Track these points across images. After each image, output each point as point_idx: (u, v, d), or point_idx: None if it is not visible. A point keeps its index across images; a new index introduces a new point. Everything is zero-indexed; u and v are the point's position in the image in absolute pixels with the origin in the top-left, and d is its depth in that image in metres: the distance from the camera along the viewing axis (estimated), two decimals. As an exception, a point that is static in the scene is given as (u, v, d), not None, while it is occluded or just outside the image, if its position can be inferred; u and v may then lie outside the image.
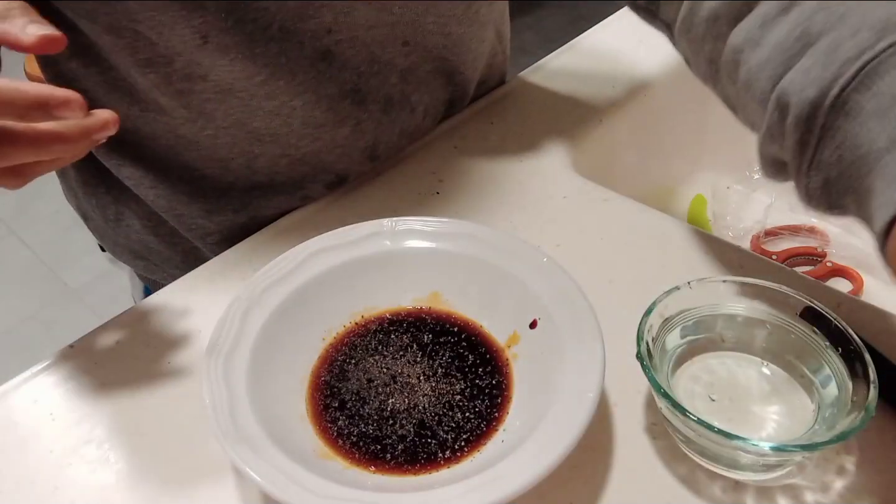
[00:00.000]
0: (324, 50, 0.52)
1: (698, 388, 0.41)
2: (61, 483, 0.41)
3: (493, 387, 0.42)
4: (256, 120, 0.53)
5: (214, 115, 0.53)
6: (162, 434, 0.43)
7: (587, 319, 0.41)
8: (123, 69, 0.51)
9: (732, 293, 0.42)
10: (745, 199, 0.75)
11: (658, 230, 0.54)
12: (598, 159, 0.64)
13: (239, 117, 0.53)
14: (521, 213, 0.56)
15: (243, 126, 0.53)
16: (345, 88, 0.54)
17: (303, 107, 0.53)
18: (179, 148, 0.55)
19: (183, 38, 0.48)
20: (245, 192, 0.58)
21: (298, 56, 0.51)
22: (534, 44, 2.49)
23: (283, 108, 0.53)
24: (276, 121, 0.53)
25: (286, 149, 0.55)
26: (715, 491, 0.39)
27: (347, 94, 0.55)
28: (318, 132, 0.55)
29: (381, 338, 0.45)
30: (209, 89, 0.51)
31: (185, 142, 0.55)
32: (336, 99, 0.54)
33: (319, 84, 0.53)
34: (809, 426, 0.38)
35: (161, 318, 0.50)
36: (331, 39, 0.52)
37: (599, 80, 0.70)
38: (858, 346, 0.38)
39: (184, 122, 0.53)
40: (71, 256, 1.88)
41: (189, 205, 0.58)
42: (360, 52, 0.54)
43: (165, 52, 0.49)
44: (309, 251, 0.46)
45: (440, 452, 0.39)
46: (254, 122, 0.53)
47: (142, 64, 0.50)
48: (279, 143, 0.55)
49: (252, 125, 0.53)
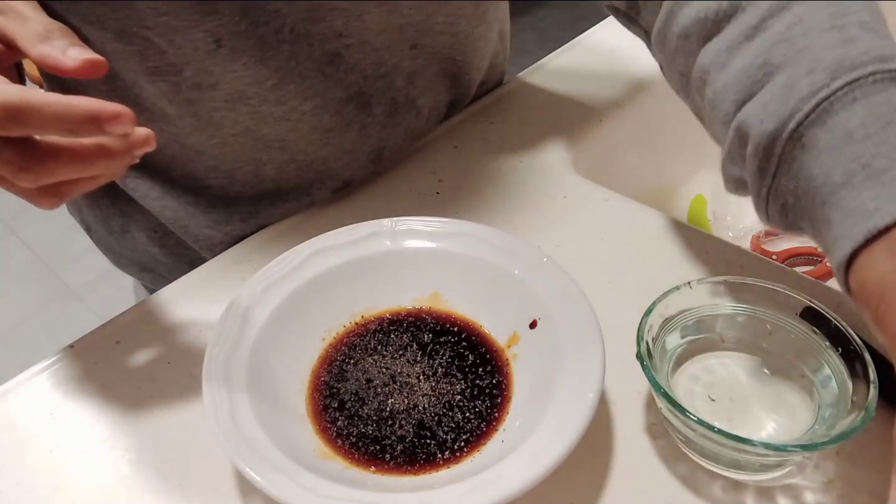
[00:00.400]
0: (333, 53, 0.52)
1: (698, 388, 0.41)
2: (61, 483, 0.41)
3: (492, 387, 0.42)
4: (266, 126, 0.53)
5: (223, 123, 0.52)
6: (162, 434, 0.43)
7: (587, 319, 0.41)
8: (130, 78, 0.51)
9: (732, 293, 0.42)
10: (746, 199, 0.75)
11: (658, 230, 0.54)
12: (598, 159, 0.64)
13: (248, 125, 0.53)
14: (521, 213, 0.56)
15: (252, 133, 0.53)
16: (350, 92, 0.54)
17: (312, 111, 0.53)
18: (185, 158, 0.55)
19: (195, 44, 0.47)
20: (252, 200, 0.57)
21: (308, 59, 0.51)
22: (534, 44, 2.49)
23: (293, 113, 0.53)
24: (285, 126, 0.53)
25: (294, 154, 0.55)
26: (715, 491, 0.39)
27: (352, 98, 0.55)
28: (327, 137, 0.55)
29: (381, 338, 0.45)
30: (219, 98, 0.51)
31: (191, 152, 0.55)
32: (342, 103, 0.54)
33: (327, 88, 0.53)
34: (809, 426, 0.38)
35: (161, 318, 0.50)
36: (340, 43, 0.52)
37: (599, 80, 0.70)
38: (858, 346, 0.38)
39: (191, 131, 0.53)
40: (71, 256, 1.88)
41: (195, 216, 0.58)
42: (367, 56, 0.54)
43: (175, 60, 0.48)
44: (309, 251, 0.46)
45: (440, 452, 0.39)
46: (263, 129, 0.53)
47: (151, 72, 0.49)
48: (288, 149, 0.55)
49: (261, 132, 0.53)
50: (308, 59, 0.51)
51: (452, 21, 0.57)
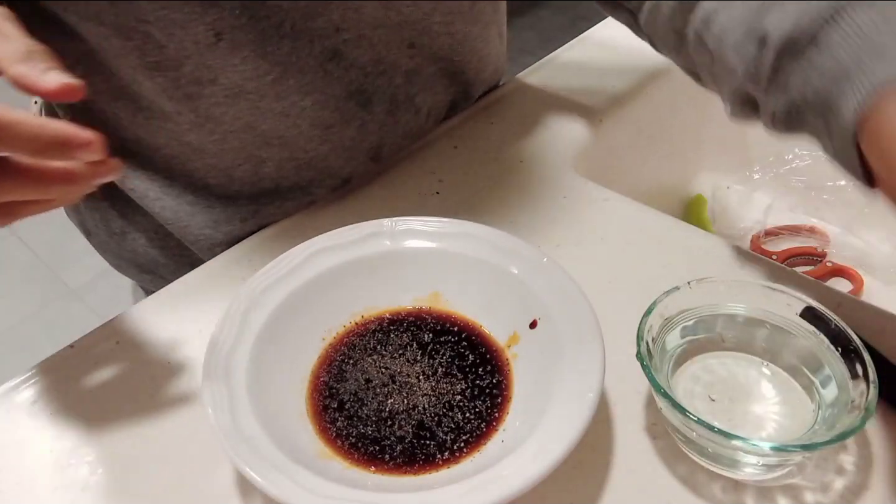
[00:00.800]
0: (332, 49, 0.52)
1: (698, 388, 0.41)
2: (61, 483, 0.41)
3: (493, 387, 0.42)
4: (265, 122, 0.53)
5: (223, 119, 0.52)
6: (162, 434, 0.43)
7: (587, 319, 0.41)
8: (129, 74, 0.51)
9: (732, 293, 0.42)
10: (745, 199, 0.75)
11: (658, 230, 0.54)
12: (598, 159, 0.64)
13: (248, 120, 0.53)
14: (521, 213, 0.56)
15: (251, 129, 0.53)
16: (350, 89, 0.54)
17: (312, 107, 0.53)
18: (184, 157, 0.55)
19: (195, 38, 0.47)
20: (251, 199, 0.57)
21: (308, 55, 0.51)
22: (534, 44, 2.49)
23: (293, 109, 0.53)
24: (284, 122, 0.53)
25: (294, 151, 0.55)
26: (715, 491, 0.39)
27: (353, 95, 0.55)
28: (326, 134, 0.55)
29: (381, 338, 0.45)
30: (218, 93, 0.51)
31: (190, 149, 0.54)
32: (342, 99, 0.54)
33: (327, 84, 0.53)
34: (809, 426, 0.38)
35: (161, 318, 0.50)
36: (339, 38, 0.52)
37: (599, 80, 0.70)
38: (858, 346, 0.38)
39: (190, 127, 0.53)
40: (71, 256, 1.88)
41: (194, 215, 0.57)
42: (366, 52, 0.54)
43: (175, 55, 0.48)
44: (309, 251, 0.46)
45: (440, 453, 0.39)
46: (262, 125, 0.53)
47: (150, 67, 0.49)
48: (287, 146, 0.55)
49: (260, 128, 0.53)
50: (308, 55, 0.51)
51: (450, 20, 0.57)
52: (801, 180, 0.73)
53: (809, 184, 0.73)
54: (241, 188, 0.57)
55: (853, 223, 0.71)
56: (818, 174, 0.72)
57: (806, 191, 0.73)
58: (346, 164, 0.58)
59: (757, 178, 0.76)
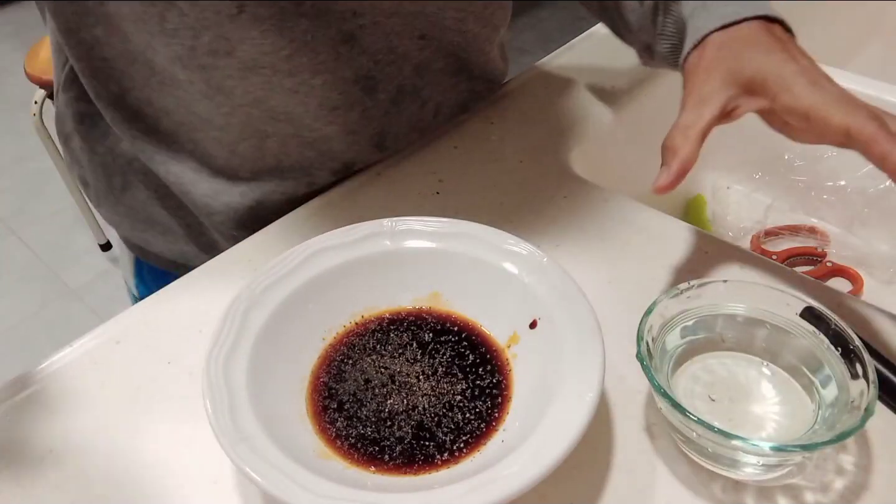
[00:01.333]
0: (348, 32, 0.53)
1: (698, 388, 0.41)
2: (62, 483, 0.41)
3: (493, 387, 0.42)
4: (275, 97, 0.54)
5: (234, 92, 0.53)
6: (162, 434, 0.43)
7: (587, 319, 0.41)
8: (145, 40, 0.51)
9: (732, 293, 0.42)
10: (745, 199, 0.76)
11: (658, 230, 0.54)
12: (598, 159, 0.64)
13: (258, 95, 0.53)
14: (521, 213, 0.56)
15: (260, 104, 0.54)
16: (358, 74, 0.55)
17: (321, 86, 0.54)
18: (190, 125, 0.56)
19: (217, 7, 0.48)
20: (252, 175, 0.58)
21: (323, 35, 0.52)
22: (534, 44, 2.49)
23: (303, 87, 0.54)
24: (293, 99, 0.54)
25: (299, 129, 0.56)
26: (715, 491, 0.39)
27: (360, 80, 0.56)
28: (332, 115, 0.56)
29: (381, 338, 0.45)
30: (233, 65, 0.51)
31: (197, 119, 0.55)
32: (349, 83, 0.55)
33: (338, 66, 0.54)
34: (809, 426, 0.38)
35: (161, 318, 0.50)
36: (355, 23, 0.53)
37: (599, 80, 0.70)
38: (858, 346, 0.38)
39: (201, 98, 0.54)
40: (71, 256, 1.88)
41: (196, 183, 0.59)
42: (379, 40, 0.55)
43: (195, 23, 0.49)
44: (309, 251, 0.46)
45: (440, 453, 0.39)
46: (272, 100, 0.54)
47: (168, 34, 0.50)
48: (293, 122, 0.55)
49: (269, 103, 0.54)
50: (324, 35, 0.52)
51: (462, 18, 0.58)
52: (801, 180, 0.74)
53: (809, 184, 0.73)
54: (242, 163, 0.58)
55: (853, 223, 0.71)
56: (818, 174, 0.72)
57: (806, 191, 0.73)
58: (348, 149, 0.58)
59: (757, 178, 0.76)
